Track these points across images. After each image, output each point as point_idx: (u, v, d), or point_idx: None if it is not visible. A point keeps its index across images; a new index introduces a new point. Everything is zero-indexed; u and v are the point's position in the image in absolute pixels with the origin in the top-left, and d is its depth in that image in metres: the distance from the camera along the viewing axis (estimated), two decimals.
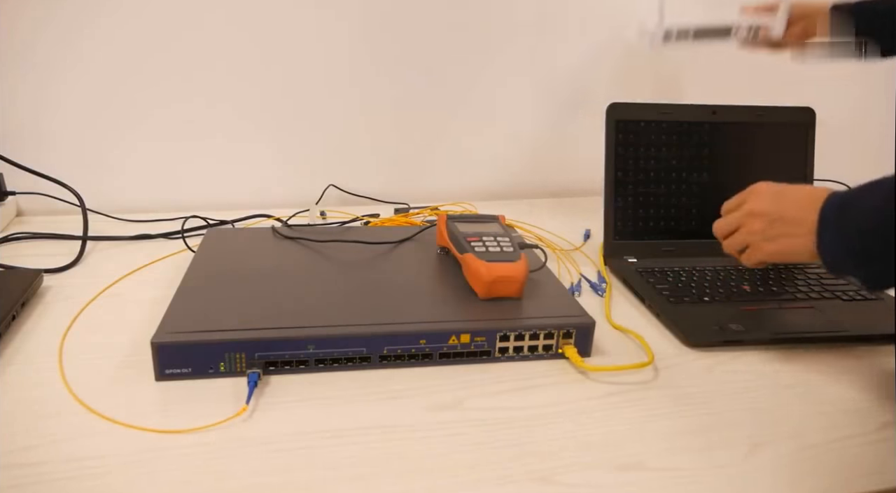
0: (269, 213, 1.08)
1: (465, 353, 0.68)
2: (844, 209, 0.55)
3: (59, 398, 0.60)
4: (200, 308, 0.68)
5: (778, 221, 0.61)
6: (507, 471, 0.54)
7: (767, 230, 0.62)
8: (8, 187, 1.03)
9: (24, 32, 1.02)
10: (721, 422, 0.61)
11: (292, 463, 0.54)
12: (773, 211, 0.62)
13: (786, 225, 0.60)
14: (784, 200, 0.61)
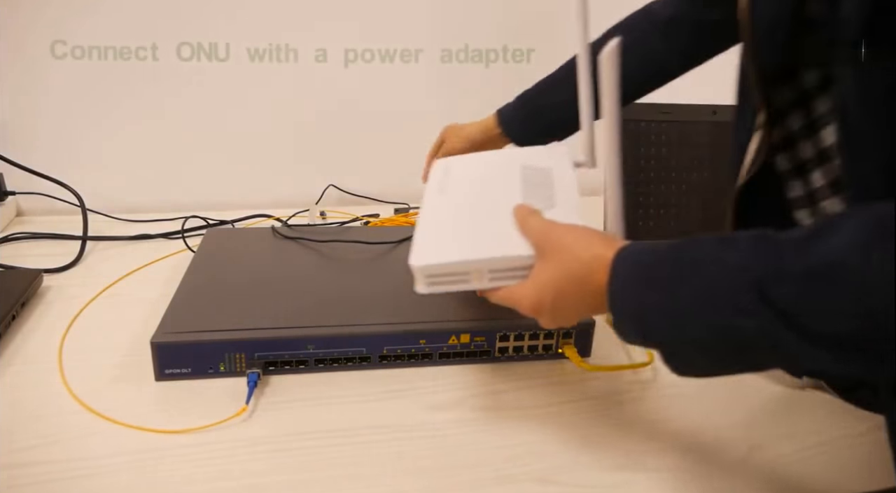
0: (269, 213, 1.08)
1: (465, 353, 0.68)
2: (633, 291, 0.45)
3: (59, 398, 0.60)
4: (200, 308, 0.68)
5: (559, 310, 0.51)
6: (507, 471, 0.54)
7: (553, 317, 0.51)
8: (8, 187, 1.03)
9: (24, 32, 1.02)
10: (720, 422, 0.61)
11: (292, 463, 0.54)
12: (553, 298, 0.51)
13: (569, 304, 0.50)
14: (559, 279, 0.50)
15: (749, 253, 0.39)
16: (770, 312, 0.37)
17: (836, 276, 0.35)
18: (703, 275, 0.41)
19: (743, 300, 0.38)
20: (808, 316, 0.37)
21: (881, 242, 0.35)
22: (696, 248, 0.43)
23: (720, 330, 0.40)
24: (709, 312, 0.40)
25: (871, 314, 0.35)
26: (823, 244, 0.37)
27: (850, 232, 0.36)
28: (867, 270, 0.35)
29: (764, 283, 0.38)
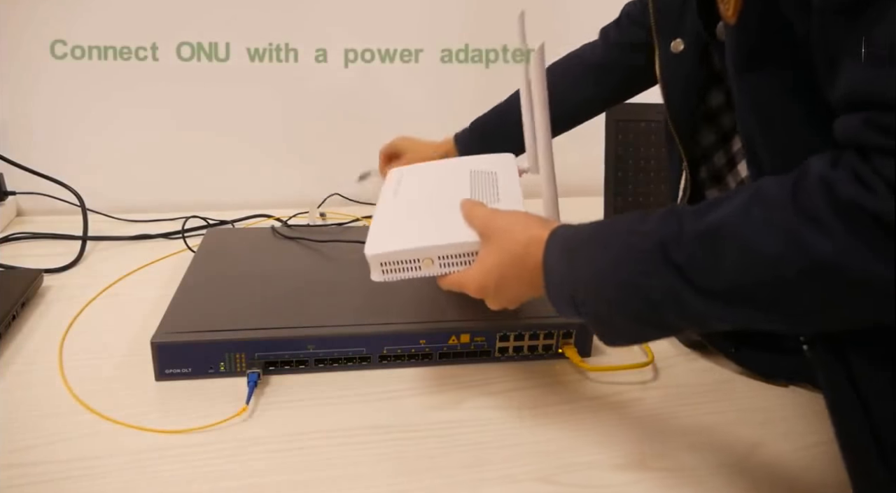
0: (269, 213, 1.08)
1: (465, 353, 0.68)
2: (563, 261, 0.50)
3: (59, 398, 0.61)
4: (200, 308, 0.68)
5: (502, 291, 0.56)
6: (507, 471, 0.54)
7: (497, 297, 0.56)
8: (8, 187, 1.03)
9: (24, 32, 1.02)
10: (721, 422, 0.61)
11: (292, 463, 0.54)
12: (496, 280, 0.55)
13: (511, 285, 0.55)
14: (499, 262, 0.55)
15: (657, 223, 0.44)
16: (671, 271, 0.42)
17: (720, 235, 0.41)
18: (619, 244, 0.46)
19: (649, 262, 0.43)
20: (700, 273, 0.41)
21: (758, 202, 0.40)
22: (616, 223, 0.49)
23: (632, 289, 0.45)
24: (622, 273, 0.45)
25: (751, 265, 0.39)
26: (714, 211, 0.42)
27: (735, 200, 0.41)
28: (746, 226, 0.40)
29: (666, 246, 0.43)
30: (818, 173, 0.38)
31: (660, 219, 0.45)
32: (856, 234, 0.35)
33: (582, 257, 0.48)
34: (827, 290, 0.38)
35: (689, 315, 0.44)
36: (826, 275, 0.37)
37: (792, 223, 0.38)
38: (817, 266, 0.37)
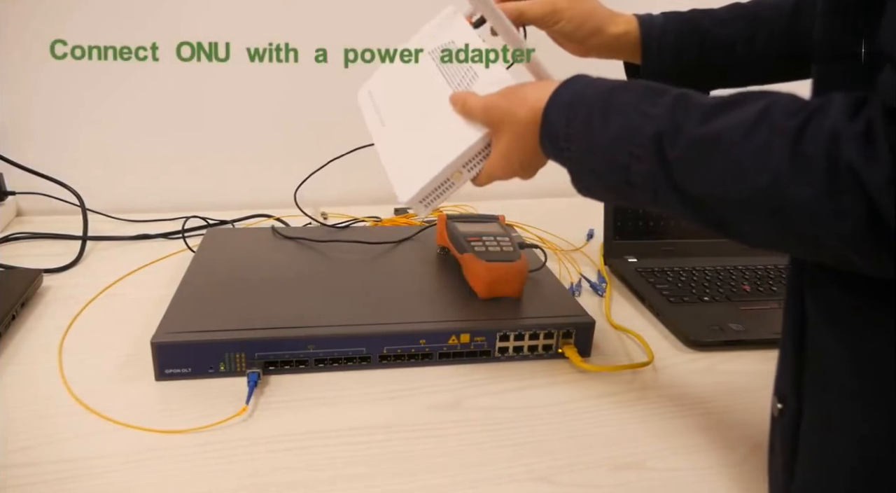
0: (269, 213, 1.08)
1: (464, 353, 0.68)
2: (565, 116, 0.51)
3: (58, 398, 0.60)
4: (200, 308, 0.68)
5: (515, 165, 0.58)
6: (507, 471, 0.54)
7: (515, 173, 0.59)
8: (8, 187, 1.03)
9: (23, 32, 1.02)
10: (721, 422, 0.61)
11: (292, 463, 0.54)
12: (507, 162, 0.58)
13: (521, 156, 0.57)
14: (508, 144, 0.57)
15: (664, 110, 0.44)
16: (659, 163, 0.43)
17: (716, 147, 0.40)
18: (621, 118, 0.46)
19: (641, 148, 0.44)
20: (684, 175, 0.42)
21: (764, 124, 0.39)
22: (627, 92, 0.47)
23: (617, 168, 0.46)
24: (613, 151, 0.46)
25: (733, 185, 0.39)
26: (721, 118, 0.41)
27: (745, 111, 0.40)
28: (742, 148, 0.39)
29: (663, 138, 0.43)
30: (832, 122, 0.36)
31: (669, 105, 0.44)
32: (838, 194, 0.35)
33: (581, 121, 0.49)
34: (791, 232, 0.39)
35: (659, 204, 0.45)
36: (795, 220, 0.38)
37: (785, 161, 0.37)
38: (791, 209, 0.37)
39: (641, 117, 0.44)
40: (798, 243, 0.40)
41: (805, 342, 0.44)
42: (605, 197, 0.53)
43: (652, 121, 0.44)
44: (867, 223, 0.35)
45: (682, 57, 0.69)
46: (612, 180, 0.47)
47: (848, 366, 0.41)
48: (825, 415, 0.43)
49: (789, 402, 0.45)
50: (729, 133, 0.40)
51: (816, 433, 0.44)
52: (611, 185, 0.48)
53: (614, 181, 0.47)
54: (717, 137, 0.40)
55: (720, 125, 0.41)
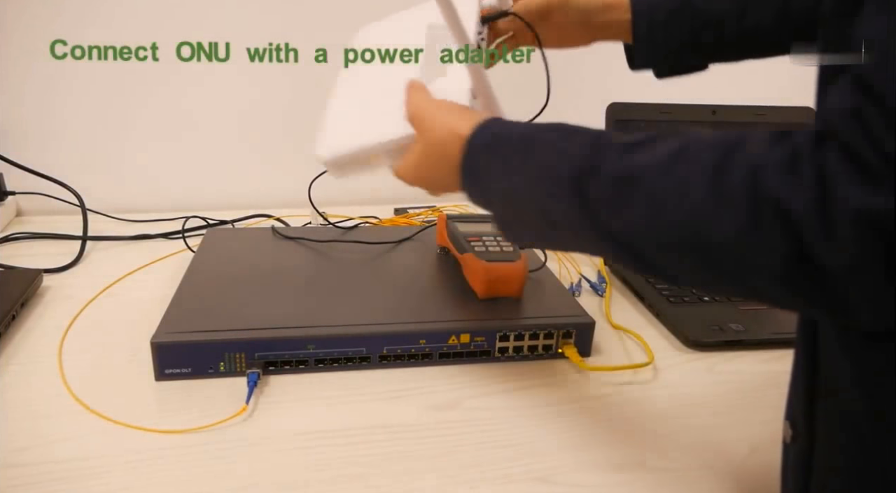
0: (269, 213, 1.08)
1: (464, 353, 0.68)
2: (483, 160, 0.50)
3: (58, 398, 0.60)
4: (200, 308, 0.68)
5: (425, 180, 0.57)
6: (506, 471, 0.54)
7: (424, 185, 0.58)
8: (8, 187, 1.03)
9: (24, 32, 1.02)
10: (721, 422, 0.61)
11: (292, 463, 0.54)
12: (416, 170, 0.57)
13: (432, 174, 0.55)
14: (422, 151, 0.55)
15: (583, 149, 0.43)
16: (578, 201, 0.42)
17: (636, 184, 0.39)
18: (541, 158, 0.45)
19: (560, 188, 0.43)
20: (605, 212, 0.41)
21: (684, 159, 0.38)
22: (548, 131, 0.46)
23: (538, 210, 0.45)
24: (533, 193, 0.45)
25: (654, 221, 0.38)
26: (640, 153, 0.40)
27: (664, 147, 0.39)
28: (662, 183, 0.38)
29: (582, 177, 0.42)
30: (754, 153, 0.35)
31: (588, 144, 0.43)
32: (761, 227, 0.34)
33: (500, 162, 0.48)
34: (719, 271, 0.37)
35: (582, 243, 0.45)
36: (720, 258, 0.36)
37: (705, 196, 0.36)
38: (714, 246, 0.36)
39: (560, 158, 0.43)
40: (728, 283, 0.39)
41: (818, 370, 0.42)
42: (535, 243, 0.52)
43: (570, 161, 0.43)
44: (795, 259, 0.33)
45: (673, 34, 0.68)
46: (535, 224, 0.46)
47: (861, 393, 0.40)
48: (839, 443, 0.41)
49: (801, 428, 0.44)
50: (648, 169, 0.39)
51: (830, 460, 0.42)
52: (538, 229, 0.47)
53: (538, 225, 0.46)
54: (636, 174, 0.39)
55: (639, 162, 0.40)
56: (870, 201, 0.31)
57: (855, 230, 0.31)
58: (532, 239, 0.50)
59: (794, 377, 0.45)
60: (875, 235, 0.31)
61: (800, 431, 0.44)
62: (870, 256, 0.31)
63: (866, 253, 0.31)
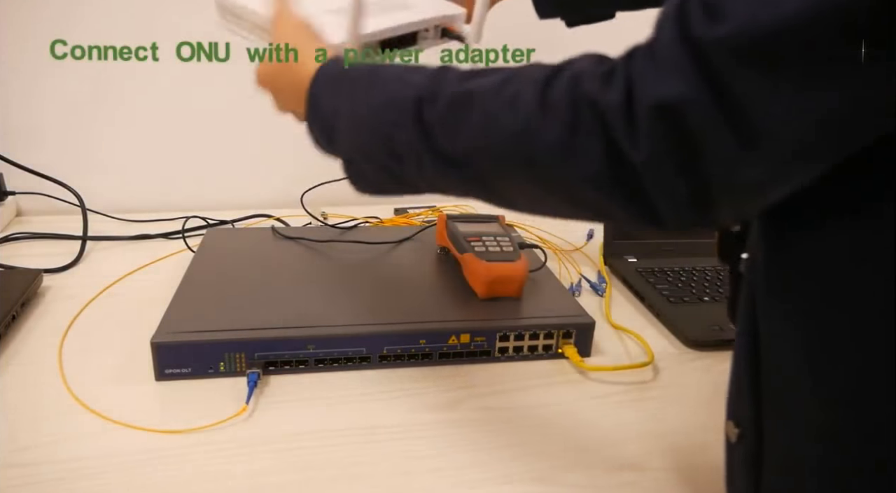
0: (269, 213, 1.08)
1: (464, 353, 0.68)
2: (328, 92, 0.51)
3: (59, 398, 0.61)
4: (200, 308, 0.68)
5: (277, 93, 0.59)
6: (507, 471, 0.54)
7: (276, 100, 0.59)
8: (8, 187, 1.03)
9: (22, 32, 1.02)
10: (721, 422, 0.61)
11: (292, 463, 0.54)
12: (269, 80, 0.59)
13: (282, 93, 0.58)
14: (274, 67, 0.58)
15: (426, 78, 0.44)
16: (418, 127, 0.43)
17: (470, 102, 0.41)
18: (385, 89, 0.46)
19: (403, 114, 0.44)
20: (442, 135, 0.42)
21: (515, 79, 0.40)
22: (393, 66, 0.48)
23: (382, 138, 0.45)
24: (377, 121, 0.45)
25: (485, 137, 0.40)
26: (477, 79, 0.42)
27: (499, 73, 0.41)
28: (494, 99, 0.40)
29: (422, 102, 0.43)
30: (578, 67, 0.38)
31: (431, 73, 0.45)
32: (579, 130, 0.36)
33: (347, 92, 0.48)
34: (547, 183, 0.39)
35: (425, 175, 0.45)
36: (547, 165, 0.38)
37: (533, 106, 0.38)
38: (541, 154, 0.38)
39: (403, 86, 0.45)
40: (558, 195, 0.40)
41: (760, 363, 0.42)
42: (379, 184, 0.50)
43: (413, 88, 0.44)
44: (611, 158, 0.35)
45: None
46: (378, 155, 0.46)
47: (806, 370, 0.39)
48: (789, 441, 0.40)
49: (747, 427, 0.43)
50: (483, 89, 0.41)
51: (781, 459, 0.41)
52: (378, 161, 0.47)
53: (380, 155, 0.46)
54: (470, 94, 0.41)
55: (475, 84, 0.41)
56: (664, 92, 0.33)
57: (651, 121, 0.34)
58: (378, 179, 0.49)
59: (735, 376, 0.44)
60: (668, 126, 0.33)
61: (746, 429, 0.43)
62: (663, 147, 0.34)
63: (660, 144, 0.34)
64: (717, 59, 0.32)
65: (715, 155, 0.33)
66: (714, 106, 0.32)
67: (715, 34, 0.32)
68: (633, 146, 0.34)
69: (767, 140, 0.32)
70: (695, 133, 0.33)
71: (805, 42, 0.30)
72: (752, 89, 0.32)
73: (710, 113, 0.32)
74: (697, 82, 0.32)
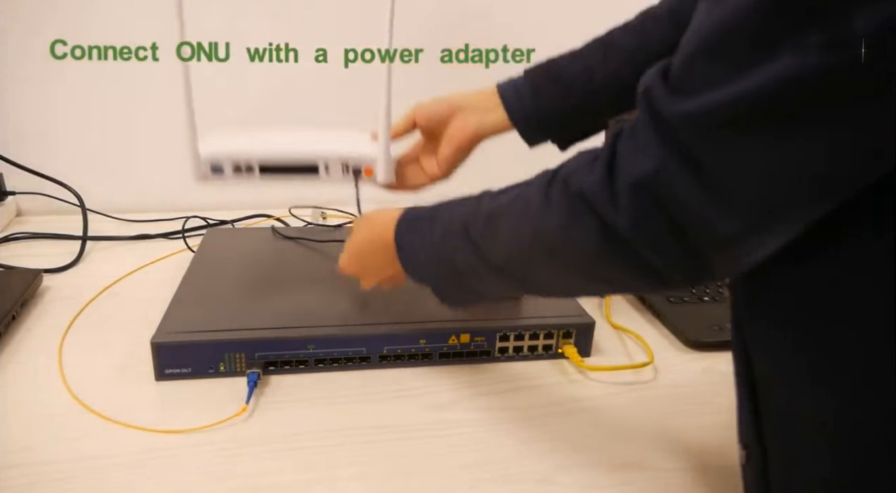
0: (269, 213, 1.08)
1: (464, 353, 0.68)
2: (408, 236, 0.57)
3: (59, 398, 0.60)
4: (200, 308, 0.68)
5: (368, 268, 0.64)
6: (506, 471, 0.54)
7: (366, 274, 0.65)
8: (8, 187, 1.03)
9: (24, 32, 1.02)
10: (721, 422, 0.61)
11: (292, 463, 0.54)
12: (358, 257, 0.64)
13: (374, 261, 0.62)
14: (361, 240, 0.63)
15: (470, 204, 0.52)
16: (469, 246, 0.50)
17: (499, 216, 0.48)
18: (442, 221, 0.53)
19: (458, 239, 0.51)
20: (487, 248, 0.49)
21: (526, 187, 0.46)
22: (447, 203, 0.55)
23: (448, 262, 0.52)
24: (442, 248, 0.53)
25: (513, 243, 0.46)
26: (504, 195, 0.49)
27: (519, 186, 0.48)
28: (513, 209, 0.47)
29: (467, 225, 0.50)
30: (571, 165, 0.43)
31: (473, 200, 0.52)
32: (578, 216, 0.41)
33: (418, 232, 0.55)
34: (573, 269, 0.44)
35: (487, 284, 0.51)
36: (565, 254, 0.43)
37: (540, 205, 0.44)
38: (557, 245, 0.43)
39: (453, 217, 0.52)
40: (580, 277, 0.45)
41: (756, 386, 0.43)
42: (460, 298, 0.57)
43: (459, 216, 0.51)
44: (605, 235, 0.39)
45: (541, 101, 0.70)
46: (450, 276, 0.53)
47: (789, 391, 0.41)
48: (790, 458, 0.42)
49: (753, 447, 0.44)
50: (507, 201, 0.48)
51: (785, 476, 0.42)
52: (452, 281, 0.54)
53: (451, 276, 0.53)
54: (499, 209, 0.48)
55: (501, 200, 0.48)
56: (640, 168, 0.37)
57: (632, 196, 0.37)
58: (459, 296, 0.56)
59: (737, 398, 0.46)
60: (647, 198, 0.37)
61: (752, 451, 0.45)
62: (647, 217, 0.37)
63: (644, 215, 0.37)
64: (684, 134, 0.35)
65: (696, 219, 0.36)
66: (687, 175, 0.35)
67: (680, 110, 0.35)
68: (620, 218, 0.38)
69: (742, 201, 0.35)
70: (673, 202, 0.36)
71: (765, 110, 0.32)
72: (719, 157, 0.34)
73: (685, 182, 0.35)
74: (668, 156, 0.35)
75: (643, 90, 0.37)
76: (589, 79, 0.67)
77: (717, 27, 0.33)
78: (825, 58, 0.29)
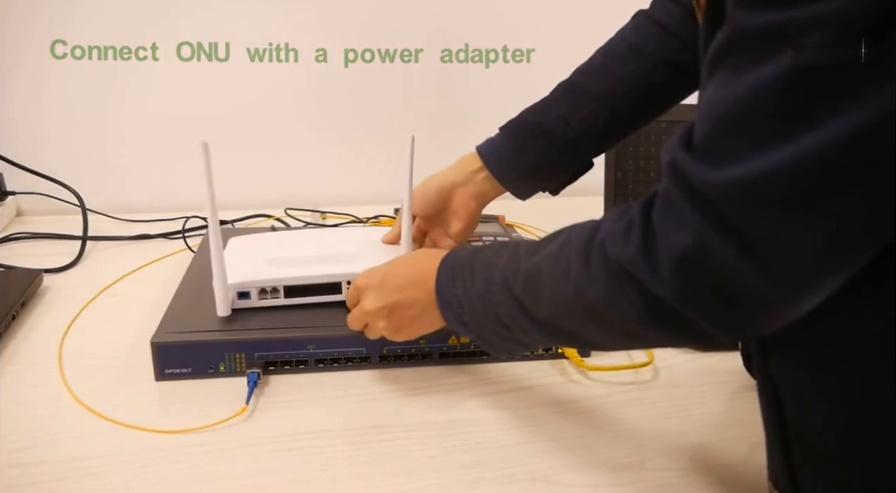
0: (269, 213, 1.08)
1: (464, 353, 0.68)
2: (451, 287, 0.55)
3: (58, 398, 0.60)
4: (200, 308, 0.68)
5: (395, 311, 0.58)
6: (507, 471, 0.54)
7: (391, 324, 0.59)
8: (8, 187, 1.03)
9: (24, 32, 1.02)
10: (720, 422, 0.61)
11: (292, 463, 0.54)
12: (385, 303, 0.58)
13: (405, 310, 0.58)
14: (390, 287, 0.59)
15: (508, 258, 0.51)
16: (512, 301, 0.50)
17: (540, 273, 0.48)
18: (482, 275, 0.53)
19: (499, 293, 0.51)
20: (530, 304, 0.49)
21: (565, 247, 0.46)
22: (484, 252, 0.55)
23: (492, 315, 0.52)
24: (484, 302, 0.52)
25: (557, 300, 0.46)
26: (542, 250, 0.49)
27: (557, 241, 0.48)
28: (553, 268, 0.47)
29: (508, 280, 0.50)
30: (604, 229, 0.43)
31: (510, 253, 0.52)
32: (620, 286, 0.41)
33: (459, 284, 0.54)
34: (619, 330, 0.44)
35: (531, 336, 0.51)
36: (609, 319, 0.43)
37: (580, 271, 0.44)
38: (600, 311, 0.43)
39: (493, 271, 0.51)
40: (624, 338, 0.46)
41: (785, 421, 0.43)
42: (505, 348, 0.55)
43: (499, 271, 0.51)
44: (648, 303, 0.39)
45: (527, 160, 0.72)
46: (494, 329, 0.52)
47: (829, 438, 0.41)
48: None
49: (784, 486, 0.44)
50: (545, 261, 0.48)
51: None
52: (496, 333, 0.52)
53: (496, 329, 0.52)
54: (539, 266, 0.48)
55: (539, 257, 0.48)
56: (681, 243, 0.37)
57: (676, 269, 0.38)
58: (504, 345, 0.54)
59: (766, 436, 0.45)
60: (692, 270, 0.37)
61: (783, 490, 0.44)
62: (692, 287, 0.38)
63: (689, 285, 0.38)
64: (719, 204, 0.35)
65: (741, 285, 0.36)
66: (727, 246, 0.35)
67: (712, 179, 0.35)
68: (663, 288, 0.38)
69: (786, 266, 0.35)
70: (716, 271, 0.36)
71: (799, 183, 0.33)
72: (757, 226, 0.35)
73: (725, 253, 0.35)
74: (706, 227, 0.36)
75: (668, 164, 0.38)
76: (565, 128, 0.69)
77: (735, 103, 0.34)
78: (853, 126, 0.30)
